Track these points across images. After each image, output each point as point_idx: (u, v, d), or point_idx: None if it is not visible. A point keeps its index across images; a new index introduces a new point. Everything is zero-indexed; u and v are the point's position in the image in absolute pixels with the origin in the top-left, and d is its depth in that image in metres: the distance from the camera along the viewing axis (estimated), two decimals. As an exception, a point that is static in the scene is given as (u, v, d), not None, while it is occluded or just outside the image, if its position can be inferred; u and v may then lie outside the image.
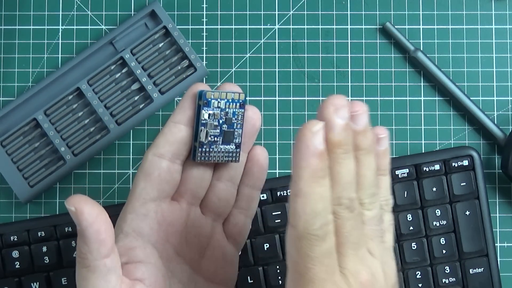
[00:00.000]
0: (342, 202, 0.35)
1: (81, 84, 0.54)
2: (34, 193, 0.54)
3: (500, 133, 0.54)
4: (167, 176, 0.41)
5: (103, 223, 0.37)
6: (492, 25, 0.56)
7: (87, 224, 0.36)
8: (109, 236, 0.37)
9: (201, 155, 0.41)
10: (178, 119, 0.41)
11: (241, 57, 0.56)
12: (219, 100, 0.41)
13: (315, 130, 0.34)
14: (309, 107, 0.55)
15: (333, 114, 0.34)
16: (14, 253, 0.51)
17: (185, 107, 0.41)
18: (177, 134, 0.41)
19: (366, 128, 0.36)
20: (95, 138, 0.54)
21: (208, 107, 0.41)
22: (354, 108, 0.36)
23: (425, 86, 0.55)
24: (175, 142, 0.41)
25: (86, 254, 0.37)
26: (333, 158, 0.35)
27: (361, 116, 0.36)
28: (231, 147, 0.42)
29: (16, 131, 0.54)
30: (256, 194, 0.45)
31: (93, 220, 0.36)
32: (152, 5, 0.55)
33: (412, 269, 0.52)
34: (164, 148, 0.41)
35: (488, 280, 0.52)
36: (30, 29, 0.56)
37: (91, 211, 0.36)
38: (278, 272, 0.51)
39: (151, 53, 0.55)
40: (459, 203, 0.52)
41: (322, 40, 0.56)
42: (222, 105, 0.41)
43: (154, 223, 0.41)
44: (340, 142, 0.34)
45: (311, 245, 0.34)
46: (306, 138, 0.34)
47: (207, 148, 0.41)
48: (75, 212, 0.36)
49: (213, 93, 0.41)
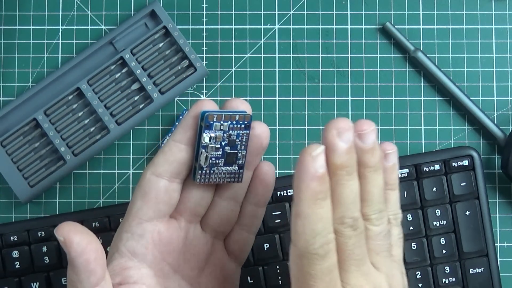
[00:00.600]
0: (345, 222, 0.35)
1: (81, 84, 0.54)
2: (34, 193, 0.54)
3: (500, 133, 0.54)
4: (165, 196, 0.40)
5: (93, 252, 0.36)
6: (492, 25, 0.56)
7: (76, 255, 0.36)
8: (99, 265, 0.36)
9: (201, 177, 0.40)
10: (179, 139, 0.40)
11: (241, 57, 0.56)
12: (221, 122, 0.39)
13: (315, 154, 0.34)
14: (309, 107, 0.55)
15: (336, 138, 0.35)
16: (14, 253, 0.51)
17: (186, 126, 0.40)
18: (177, 154, 0.40)
19: (374, 146, 0.37)
20: (95, 138, 0.54)
21: (210, 130, 0.39)
22: (361, 127, 0.36)
23: (425, 86, 0.55)
24: (175, 161, 0.40)
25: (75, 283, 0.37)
26: (335, 180, 0.35)
27: (368, 134, 0.36)
28: (233, 169, 0.41)
29: (16, 131, 0.54)
30: (260, 211, 0.44)
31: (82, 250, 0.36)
32: (152, 5, 0.55)
33: (412, 269, 0.52)
34: (163, 167, 0.40)
35: (488, 280, 0.52)
36: (30, 29, 0.56)
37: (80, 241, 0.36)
38: (278, 272, 0.51)
39: (151, 53, 0.55)
40: (459, 203, 0.52)
41: (322, 40, 0.56)
42: (225, 128, 0.40)
43: (150, 243, 0.40)
44: (343, 165, 0.35)
45: (311, 264, 0.35)
46: (306, 162, 0.34)
47: (208, 170, 0.40)
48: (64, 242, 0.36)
49: (215, 115, 0.39)
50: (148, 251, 0.40)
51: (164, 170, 0.40)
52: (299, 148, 0.55)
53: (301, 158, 0.35)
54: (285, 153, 0.55)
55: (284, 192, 0.52)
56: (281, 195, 0.52)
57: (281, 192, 0.52)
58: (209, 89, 0.55)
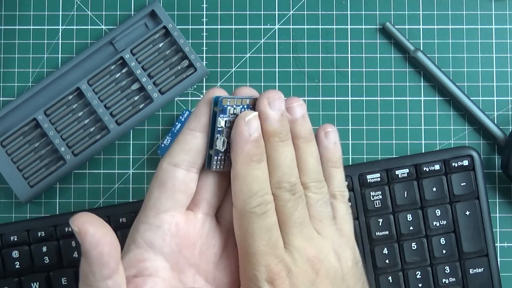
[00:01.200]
0: (282, 186, 0.39)
1: (81, 84, 0.54)
2: (34, 193, 0.54)
3: (500, 133, 0.54)
4: (182, 186, 0.40)
5: (107, 245, 0.36)
6: (492, 25, 0.56)
7: (90, 247, 0.36)
8: (112, 257, 0.36)
9: (216, 164, 0.40)
10: (193, 126, 0.40)
11: (241, 57, 0.56)
12: (234, 106, 0.40)
13: (248, 119, 0.38)
14: (309, 107, 0.55)
15: (267, 106, 0.39)
16: (14, 253, 0.51)
17: (200, 113, 0.40)
18: (193, 142, 0.40)
19: (303, 118, 0.41)
20: (95, 138, 0.54)
21: (224, 114, 0.39)
22: (290, 102, 0.40)
23: (425, 86, 0.55)
24: (191, 150, 0.40)
25: (88, 274, 0.36)
26: (269, 146, 0.39)
27: (296, 107, 0.40)
28: None
29: (16, 131, 0.54)
30: None
31: (96, 242, 0.36)
32: (152, 5, 0.55)
33: (412, 269, 0.52)
34: (179, 156, 0.40)
35: (488, 280, 0.52)
36: (30, 29, 0.56)
37: (95, 233, 0.35)
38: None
39: (151, 53, 0.55)
40: (459, 203, 0.52)
41: (322, 40, 0.56)
42: (238, 111, 0.40)
43: (167, 234, 0.40)
44: (275, 131, 0.39)
45: (250, 222, 0.38)
46: (240, 126, 0.38)
47: (223, 156, 0.40)
48: (78, 233, 0.36)
49: (229, 100, 0.39)
50: (166, 243, 0.40)
51: (180, 160, 0.40)
52: (299, 148, 0.55)
53: (236, 123, 0.38)
54: (285, 153, 0.55)
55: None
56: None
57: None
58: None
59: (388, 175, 0.52)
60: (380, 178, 0.52)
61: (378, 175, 0.52)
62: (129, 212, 0.52)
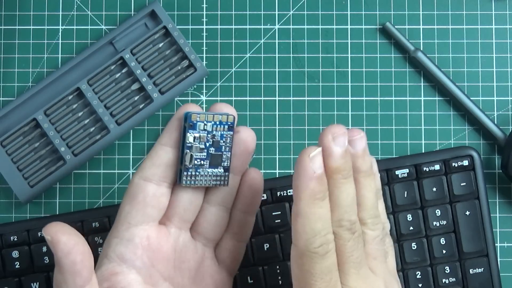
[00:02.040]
0: (343, 224, 0.37)
1: (81, 84, 0.54)
2: (34, 193, 0.54)
3: (500, 133, 0.54)
4: (153, 200, 0.40)
5: (79, 253, 0.36)
6: (492, 25, 0.56)
7: (62, 255, 0.36)
8: (85, 267, 0.37)
9: (186, 179, 0.40)
10: (165, 141, 0.40)
11: (241, 57, 0.56)
12: (205, 122, 0.40)
13: (312, 155, 0.36)
14: (309, 107, 0.55)
15: (331, 142, 0.37)
16: (14, 253, 0.51)
17: (172, 129, 0.40)
18: (164, 157, 0.40)
19: (365, 151, 0.39)
20: (95, 138, 0.54)
21: (194, 130, 0.40)
22: (352, 134, 0.39)
23: (425, 86, 0.55)
24: (162, 164, 0.40)
25: (61, 284, 0.37)
26: (332, 183, 0.37)
27: (359, 140, 0.39)
28: (219, 171, 0.41)
29: (16, 131, 0.54)
30: (250, 219, 0.44)
31: (68, 250, 0.36)
32: (152, 5, 0.55)
33: (412, 269, 0.52)
34: (150, 170, 0.40)
35: (488, 280, 0.52)
36: (30, 29, 0.56)
37: (67, 241, 0.36)
38: (278, 272, 0.51)
39: (151, 53, 0.55)
40: (459, 203, 0.52)
41: (322, 40, 0.56)
42: (208, 128, 0.40)
43: (139, 248, 0.40)
44: (339, 168, 0.37)
45: (312, 262, 0.36)
46: (305, 162, 0.36)
47: (193, 172, 0.40)
48: (50, 241, 0.36)
49: (198, 115, 0.40)
50: (137, 256, 0.40)
51: (151, 174, 0.40)
52: (299, 148, 0.55)
53: (299, 159, 0.36)
54: (285, 153, 0.55)
55: (284, 192, 0.52)
56: (281, 195, 0.52)
57: (281, 192, 0.52)
58: (209, 89, 0.55)
59: (388, 175, 0.52)
60: (380, 178, 0.52)
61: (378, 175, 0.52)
62: (129, 212, 0.52)
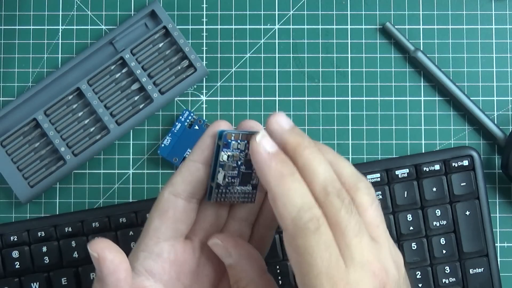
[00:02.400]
0: (329, 191, 0.35)
1: (81, 84, 0.54)
2: (34, 193, 0.54)
3: (500, 133, 0.54)
4: (183, 216, 0.40)
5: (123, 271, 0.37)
6: (492, 25, 0.56)
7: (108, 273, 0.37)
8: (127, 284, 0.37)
9: (217, 196, 0.40)
10: (197, 158, 0.40)
11: (241, 57, 0.56)
12: (239, 141, 0.39)
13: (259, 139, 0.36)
14: (309, 107, 0.55)
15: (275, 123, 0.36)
16: (14, 253, 0.51)
17: (203, 146, 0.40)
18: (195, 173, 0.40)
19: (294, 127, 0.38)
20: (95, 138, 0.54)
21: (228, 149, 0.39)
22: None
23: (425, 86, 0.55)
24: (193, 181, 0.40)
25: None
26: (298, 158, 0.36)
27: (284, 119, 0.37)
28: (247, 189, 0.41)
29: (16, 131, 0.54)
30: (270, 233, 0.44)
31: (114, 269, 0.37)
32: (152, 5, 0.55)
33: (412, 269, 0.52)
34: (180, 187, 0.40)
35: (488, 280, 0.52)
36: (30, 29, 0.56)
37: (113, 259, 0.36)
38: (278, 272, 0.51)
39: (151, 53, 0.55)
40: (459, 203, 0.52)
41: (322, 40, 0.56)
42: (241, 147, 0.39)
43: (167, 262, 0.40)
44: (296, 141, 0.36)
45: (305, 240, 0.34)
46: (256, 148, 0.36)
47: (224, 189, 0.40)
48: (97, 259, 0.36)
49: (233, 134, 0.39)
50: (165, 270, 0.40)
51: (182, 190, 0.40)
52: (299, 148, 0.55)
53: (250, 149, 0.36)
54: (285, 153, 0.55)
55: (284, 192, 0.52)
56: (281, 195, 0.52)
57: (281, 192, 0.52)
58: (209, 89, 0.55)
59: (388, 175, 0.52)
60: (380, 178, 0.52)
61: (378, 175, 0.52)
62: (129, 212, 0.52)
